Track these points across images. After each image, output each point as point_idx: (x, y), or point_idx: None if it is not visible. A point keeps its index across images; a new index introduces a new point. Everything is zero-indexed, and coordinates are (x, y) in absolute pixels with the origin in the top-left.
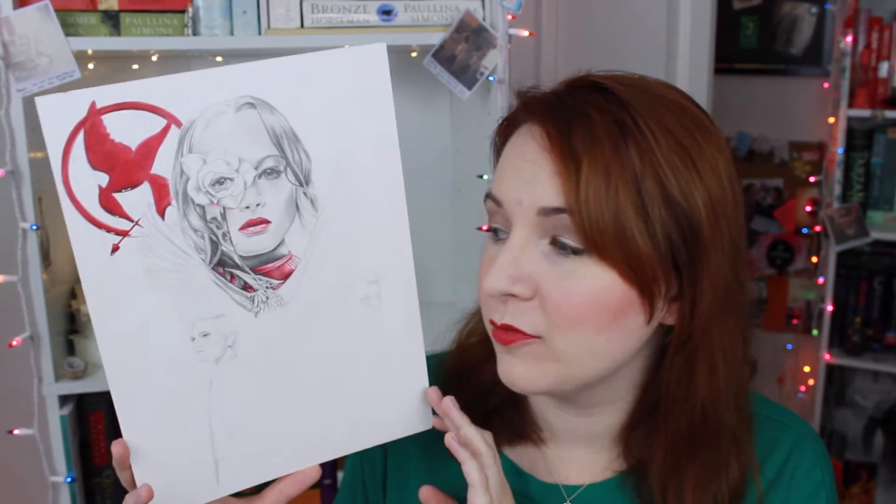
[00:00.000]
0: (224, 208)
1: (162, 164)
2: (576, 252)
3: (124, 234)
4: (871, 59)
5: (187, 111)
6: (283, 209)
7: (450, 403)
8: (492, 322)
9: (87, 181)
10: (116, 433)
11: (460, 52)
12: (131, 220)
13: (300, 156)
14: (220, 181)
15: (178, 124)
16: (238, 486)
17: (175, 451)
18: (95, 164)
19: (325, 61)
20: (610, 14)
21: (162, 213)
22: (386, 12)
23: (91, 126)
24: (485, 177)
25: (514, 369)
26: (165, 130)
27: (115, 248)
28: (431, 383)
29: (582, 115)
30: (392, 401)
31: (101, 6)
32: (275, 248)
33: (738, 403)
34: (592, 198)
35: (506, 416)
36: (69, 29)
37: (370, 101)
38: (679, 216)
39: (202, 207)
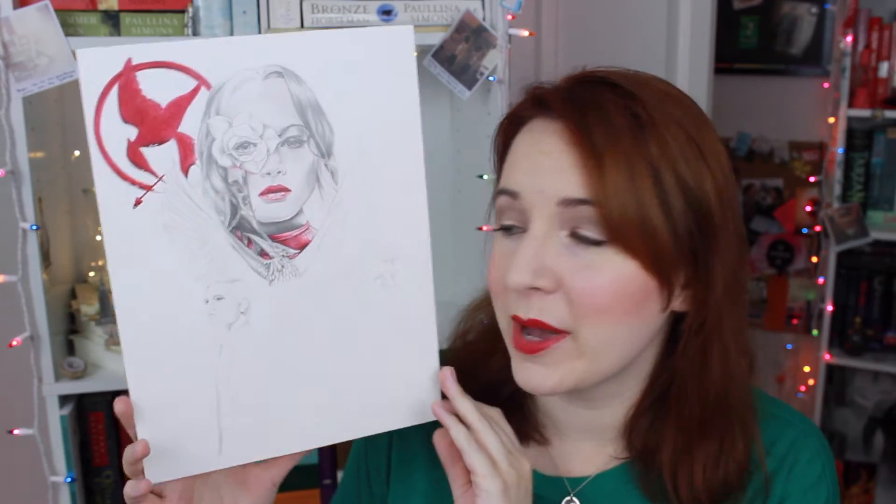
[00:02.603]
0: (246, 172)
1: (189, 124)
2: (597, 244)
3: (148, 188)
4: (871, 59)
5: (218, 74)
6: (303, 179)
7: (447, 374)
8: (516, 318)
9: (118, 133)
10: (117, 433)
11: (460, 52)
12: (156, 176)
13: (323, 128)
14: (243, 145)
15: (208, 86)
16: (240, 459)
17: (180, 414)
18: (126, 118)
19: (353, 38)
20: (610, 14)
21: (186, 171)
22: (386, 12)
23: (125, 81)
24: (485, 177)
25: (535, 375)
26: (195, 91)
27: (138, 202)
28: None
29: (598, 109)
30: (401, 385)
31: (101, 6)
32: (293, 217)
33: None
34: (616, 190)
35: (509, 419)
36: (69, 29)
37: (395, 81)
38: (694, 205)
39: (225, 169)
